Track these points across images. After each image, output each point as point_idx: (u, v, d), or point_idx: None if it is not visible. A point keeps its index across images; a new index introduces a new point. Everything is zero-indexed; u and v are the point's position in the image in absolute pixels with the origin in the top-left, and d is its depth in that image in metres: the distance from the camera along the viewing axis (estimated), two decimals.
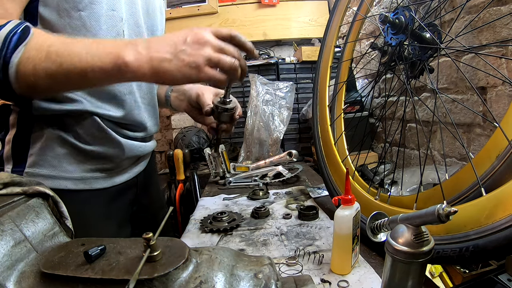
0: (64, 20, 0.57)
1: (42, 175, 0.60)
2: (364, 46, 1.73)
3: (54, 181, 0.61)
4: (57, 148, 0.61)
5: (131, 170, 0.75)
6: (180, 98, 0.89)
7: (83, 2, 0.58)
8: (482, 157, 0.53)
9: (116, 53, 0.49)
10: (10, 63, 0.47)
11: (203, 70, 0.51)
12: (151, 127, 0.77)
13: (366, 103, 1.56)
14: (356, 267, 0.60)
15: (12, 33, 0.47)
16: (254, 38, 2.20)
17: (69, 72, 0.48)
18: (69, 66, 0.48)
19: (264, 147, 1.57)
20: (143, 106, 0.74)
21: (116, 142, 0.67)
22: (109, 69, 0.49)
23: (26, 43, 0.47)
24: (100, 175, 0.67)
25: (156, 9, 0.76)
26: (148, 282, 0.29)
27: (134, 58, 0.49)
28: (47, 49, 0.48)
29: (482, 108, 0.99)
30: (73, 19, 0.58)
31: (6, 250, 0.33)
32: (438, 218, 0.36)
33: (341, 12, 1.02)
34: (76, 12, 0.58)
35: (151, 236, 0.31)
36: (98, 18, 0.60)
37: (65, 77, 0.49)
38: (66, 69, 0.48)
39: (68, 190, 0.62)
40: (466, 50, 0.92)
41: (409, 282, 0.40)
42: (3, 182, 0.40)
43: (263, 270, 0.34)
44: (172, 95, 0.91)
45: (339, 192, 0.83)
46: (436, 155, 1.20)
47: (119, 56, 0.49)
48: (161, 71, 0.50)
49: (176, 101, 0.90)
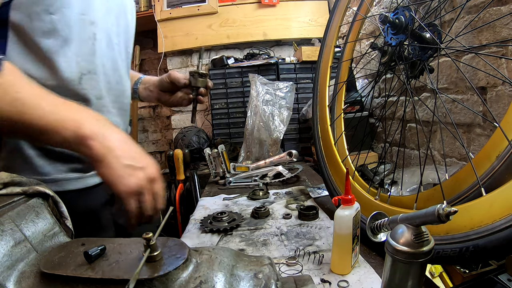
0: (35, 23, 0.57)
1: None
2: (364, 46, 1.73)
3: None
4: (27, 151, 0.60)
5: None
6: (150, 88, 0.95)
7: (54, 5, 0.57)
8: (482, 157, 0.53)
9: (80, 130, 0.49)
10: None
11: (131, 195, 0.52)
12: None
13: (366, 103, 1.56)
14: (356, 267, 0.60)
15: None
16: (254, 38, 2.20)
17: (29, 125, 0.47)
18: (31, 119, 0.46)
19: (264, 147, 1.57)
20: (115, 111, 0.74)
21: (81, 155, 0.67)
22: (67, 139, 0.49)
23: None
24: (73, 175, 0.66)
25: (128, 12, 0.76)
26: (148, 282, 0.29)
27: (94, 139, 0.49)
28: (14, 95, 0.46)
29: (482, 108, 0.99)
30: (44, 22, 0.57)
31: (6, 250, 0.33)
32: (438, 218, 0.36)
33: (341, 12, 1.02)
34: (48, 16, 0.57)
35: (151, 236, 0.31)
36: (69, 21, 0.59)
37: (23, 128, 0.47)
38: (27, 121, 0.46)
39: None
40: (466, 50, 0.92)
41: (409, 282, 0.40)
42: (3, 182, 0.40)
43: (263, 270, 0.34)
44: (140, 87, 0.96)
45: (339, 192, 0.83)
46: (436, 155, 1.20)
47: (81, 133, 0.49)
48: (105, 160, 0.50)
49: (145, 92, 0.95)
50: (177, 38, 2.18)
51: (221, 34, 2.19)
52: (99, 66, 0.67)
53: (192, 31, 2.18)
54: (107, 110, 0.71)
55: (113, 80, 0.73)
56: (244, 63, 1.97)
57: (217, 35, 2.19)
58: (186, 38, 2.19)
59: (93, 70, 0.66)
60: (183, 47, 2.21)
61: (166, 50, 2.21)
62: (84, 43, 0.63)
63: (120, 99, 0.76)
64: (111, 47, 0.70)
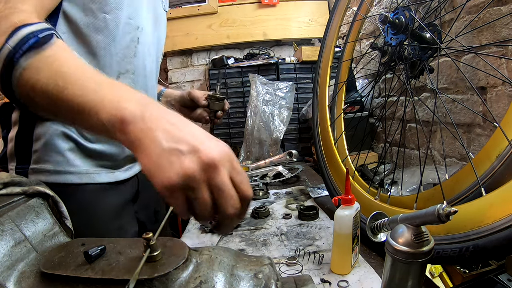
0: (88, 19, 0.59)
1: (47, 170, 0.61)
2: (364, 46, 1.73)
3: (59, 176, 0.62)
4: (61, 144, 0.61)
5: (132, 168, 0.76)
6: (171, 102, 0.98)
7: (109, 6, 0.60)
8: (482, 157, 0.54)
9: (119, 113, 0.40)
10: (16, 64, 0.42)
11: (174, 191, 0.37)
12: None
13: (366, 103, 1.56)
14: (356, 267, 0.60)
15: (32, 35, 0.43)
16: (254, 38, 2.20)
17: (67, 102, 0.42)
18: (69, 94, 0.42)
19: (264, 147, 1.57)
20: None
21: (117, 142, 0.68)
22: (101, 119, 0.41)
23: (41, 50, 0.43)
24: (103, 170, 0.68)
25: (162, 23, 0.79)
26: (148, 282, 0.29)
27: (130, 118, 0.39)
28: (58, 68, 0.43)
29: (482, 108, 0.98)
30: (97, 19, 0.60)
31: (6, 250, 0.33)
32: (438, 218, 0.36)
33: (341, 12, 1.02)
34: (101, 14, 0.60)
35: (151, 236, 0.31)
36: (118, 23, 0.62)
37: (61, 105, 0.43)
38: (65, 97, 0.42)
39: (73, 184, 0.63)
40: (466, 50, 0.92)
41: (409, 282, 0.40)
42: (3, 182, 0.40)
43: (263, 270, 0.34)
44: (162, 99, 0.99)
45: (339, 192, 0.83)
46: (436, 155, 1.20)
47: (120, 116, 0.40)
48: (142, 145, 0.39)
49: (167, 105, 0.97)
50: (177, 38, 2.18)
51: (221, 34, 2.19)
52: (139, 68, 0.70)
53: (192, 31, 2.18)
54: None
55: (150, 84, 0.77)
56: (244, 63, 1.97)
57: (217, 35, 2.19)
58: (186, 38, 2.19)
59: (131, 70, 0.69)
60: (183, 47, 2.21)
61: (166, 50, 2.21)
62: (127, 45, 0.66)
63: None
64: (148, 54, 0.73)
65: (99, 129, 0.42)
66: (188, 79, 2.29)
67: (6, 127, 0.62)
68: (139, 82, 0.72)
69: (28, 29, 0.43)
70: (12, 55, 0.42)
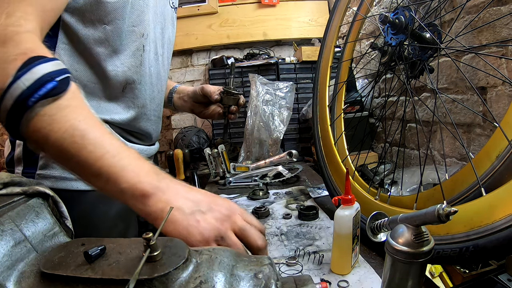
0: (88, 30, 0.58)
1: (54, 176, 0.61)
2: (364, 46, 1.73)
3: (65, 182, 0.61)
4: None
5: None
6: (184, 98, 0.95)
7: (109, 17, 0.58)
8: (482, 157, 0.53)
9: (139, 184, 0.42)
10: (29, 110, 0.38)
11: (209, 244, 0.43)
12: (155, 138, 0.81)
13: (366, 103, 1.56)
14: (356, 267, 0.60)
15: (49, 77, 0.39)
16: (254, 38, 2.20)
17: (84, 162, 0.41)
18: (88, 157, 0.40)
19: (264, 147, 1.57)
20: (154, 119, 0.76)
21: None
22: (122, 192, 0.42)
23: (58, 99, 0.40)
24: None
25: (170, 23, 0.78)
26: (148, 282, 0.29)
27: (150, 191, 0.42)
28: (74, 122, 0.40)
29: (482, 108, 0.99)
30: (97, 31, 0.58)
31: (6, 250, 0.33)
32: (438, 218, 0.36)
33: (341, 12, 1.02)
34: (101, 25, 0.58)
35: (151, 236, 0.31)
36: (120, 33, 0.61)
37: (76, 164, 0.41)
38: (82, 157, 0.40)
39: (79, 191, 0.63)
40: (466, 50, 0.92)
41: (409, 282, 0.40)
42: (3, 182, 0.40)
43: (263, 270, 0.34)
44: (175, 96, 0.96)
45: (339, 192, 0.83)
46: (436, 155, 1.20)
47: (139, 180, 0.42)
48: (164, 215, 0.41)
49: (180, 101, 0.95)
50: (177, 38, 2.14)
51: (221, 34, 2.19)
52: (145, 76, 0.69)
53: (192, 31, 2.18)
54: (147, 118, 0.74)
55: (156, 90, 0.75)
56: (244, 63, 1.97)
57: (217, 35, 2.19)
58: (186, 38, 2.19)
59: (138, 80, 0.68)
60: (183, 47, 2.21)
61: None
62: (132, 54, 0.65)
63: (159, 107, 0.79)
64: (156, 58, 0.72)
65: (113, 194, 0.43)
66: (188, 79, 2.30)
67: None
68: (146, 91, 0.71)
69: (44, 67, 0.40)
70: (26, 96, 0.38)
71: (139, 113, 0.71)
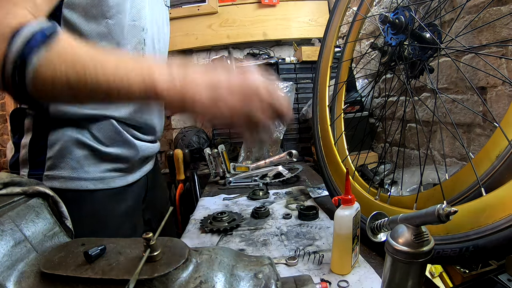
0: (90, 25, 0.58)
1: (62, 177, 0.61)
2: (364, 46, 1.73)
3: (74, 182, 0.62)
4: (76, 151, 0.61)
5: (142, 169, 0.77)
6: None
7: (111, 11, 0.59)
8: (482, 157, 0.53)
9: (149, 80, 0.44)
10: (28, 63, 0.42)
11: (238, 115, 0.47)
12: (159, 131, 0.82)
13: (366, 103, 1.56)
14: (356, 267, 0.60)
15: (37, 32, 0.42)
16: (254, 38, 2.20)
17: (92, 86, 0.44)
18: (92, 80, 0.43)
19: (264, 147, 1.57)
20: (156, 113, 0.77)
21: (132, 144, 0.69)
22: (136, 94, 0.44)
23: (51, 45, 0.43)
24: (116, 174, 0.68)
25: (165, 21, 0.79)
26: (148, 282, 0.29)
27: (166, 87, 0.45)
28: (73, 57, 0.43)
29: (482, 108, 0.98)
30: (99, 25, 0.59)
31: (6, 250, 0.33)
32: (438, 218, 0.36)
33: (341, 12, 1.02)
34: (104, 20, 0.59)
35: (151, 236, 0.31)
36: (122, 27, 0.62)
37: (85, 90, 0.44)
38: (89, 82, 0.43)
39: (87, 191, 0.63)
40: (466, 50, 0.92)
41: (409, 282, 0.40)
42: (3, 182, 0.40)
43: (263, 270, 0.34)
44: None
45: (339, 192, 0.83)
46: (436, 155, 1.20)
47: (151, 83, 0.44)
48: (193, 111, 0.46)
49: None
50: (177, 38, 2.18)
51: (221, 34, 2.19)
52: None
53: (192, 31, 2.18)
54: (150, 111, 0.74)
55: None
56: (244, 63, 1.96)
57: (217, 35, 2.19)
58: (186, 38, 2.19)
59: None
60: (183, 47, 2.21)
61: None
62: (134, 48, 0.66)
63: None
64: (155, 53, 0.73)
65: (133, 100, 0.48)
66: None
67: (18, 133, 0.62)
68: None
69: (31, 27, 0.43)
70: (22, 55, 0.41)
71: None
